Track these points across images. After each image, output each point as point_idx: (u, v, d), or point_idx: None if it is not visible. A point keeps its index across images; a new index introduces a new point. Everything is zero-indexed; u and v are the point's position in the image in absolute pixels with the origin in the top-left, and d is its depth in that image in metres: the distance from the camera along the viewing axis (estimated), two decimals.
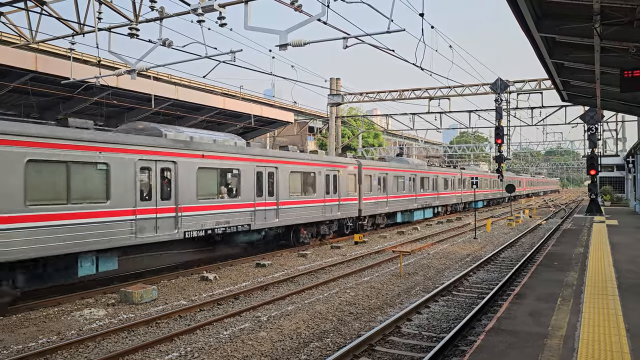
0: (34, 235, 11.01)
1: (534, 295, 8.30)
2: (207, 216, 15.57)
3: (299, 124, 49.06)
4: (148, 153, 13.62)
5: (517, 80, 32.04)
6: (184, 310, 11.56)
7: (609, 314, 7.03)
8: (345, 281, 14.87)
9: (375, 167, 26.53)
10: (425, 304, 12.00)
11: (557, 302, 7.81)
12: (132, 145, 13.20)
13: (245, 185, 17.01)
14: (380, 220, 28.06)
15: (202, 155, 15.32)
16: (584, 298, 7.98)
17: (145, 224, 13.55)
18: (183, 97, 19.53)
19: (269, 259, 18.49)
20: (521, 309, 7.44)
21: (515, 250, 21.45)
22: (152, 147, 13.76)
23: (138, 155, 13.32)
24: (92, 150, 12.19)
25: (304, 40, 10.38)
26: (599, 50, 9.48)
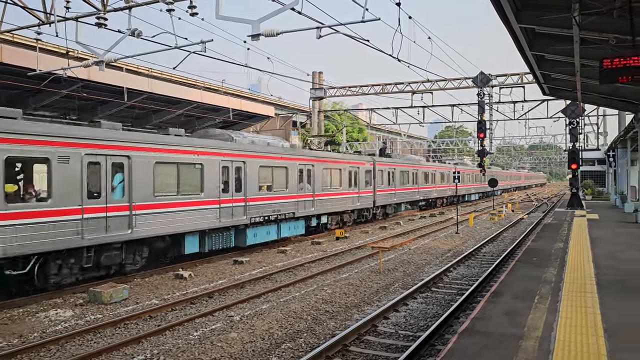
0: (158, 218, 14.36)
1: (510, 293, 8.07)
2: (265, 205, 19.01)
3: (283, 118, 48.58)
4: (226, 155, 16.99)
5: (500, 74, 31.97)
6: (155, 310, 11.18)
7: (586, 312, 6.81)
8: (323, 278, 14.58)
9: (386, 164, 30.30)
10: (403, 301, 11.76)
11: (534, 300, 7.58)
12: (216, 149, 16.58)
13: (292, 180, 20.48)
14: (390, 210, 31.66)
15: (261, 155, 18.75)
16: (562, 296, 7.76)
17: (225, 211, 16.91)
18: (159, 90, 19.02)
19: (247, 256, 18.14)
20: (497, 308, 7.19)
21: (496, 245, 21.35)
22: (229, 150, 17.18)
23: (220, 157, 16.65)
24: (192, 154, 15.52)
25: (276, 30, 10.01)
26: (578, 41, 9.26)
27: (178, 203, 15.03)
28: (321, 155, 23.16)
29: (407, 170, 33.56)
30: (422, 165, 37.25)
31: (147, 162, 14.02)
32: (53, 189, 11.67)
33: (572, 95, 19.61)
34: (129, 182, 13.43)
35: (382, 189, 29.32)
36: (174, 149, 14.91)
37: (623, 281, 9.10)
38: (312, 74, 37.12)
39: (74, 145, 12.06)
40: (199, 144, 15.87)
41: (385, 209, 30.79)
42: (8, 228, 10.76)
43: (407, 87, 34.16)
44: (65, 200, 11.90)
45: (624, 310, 7.14)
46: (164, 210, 14.51)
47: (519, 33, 11.12)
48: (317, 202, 22.29)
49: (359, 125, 66.44)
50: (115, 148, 13.11)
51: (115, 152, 13.09)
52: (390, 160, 31.77)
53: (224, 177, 16.94)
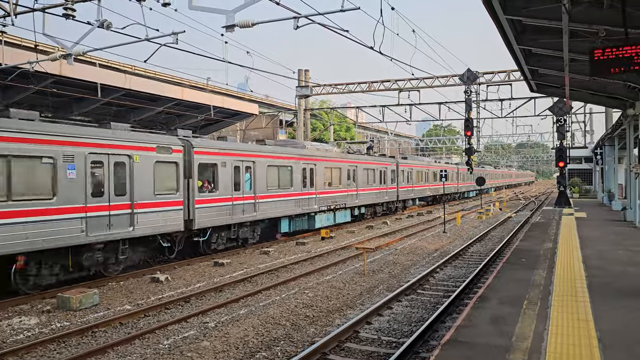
0: (270, 204, 19.73)
1: (497, 298, 7.61)
2: (328, 197, 24.25)
3: (269, 117, 47.94)
4: (305, 159, 22.42)
5: (487, 72, 31.66)
6: (126, 316, 10.61)
7: (578, 319, 6.38)
8: (306, 280, 14.08)
9: (405, 165, 35.86)
10: (387, 304, 11.30)
11: (522, 305, 7.13)
12: (299, 155, 22.09)
13: (343, 178, 26.11)
14: (409, 203, 38.01)
15: (325, 159, 24.34)
16: (552, 301, 7.32)
17: (304, 202, 22.15)
18: (137, 86, 18.36)
19: (228, 257, 17.59)
20: (483, 315, 6.73)
21: (484, 245, 20.99)
22: (306, 155, 22.63)
23: (302, 161, 22.12)
24: (286, 159, 21.11)
25: (252, 21, 9.49)
26: (567, 32, 8.85)
27: (278, 194, 20.30)
28: (361, 158, 29.07)
29: (421, 170, 39.29)
30: (431, 166, 42.98)
31: (269, 165, 19.83)
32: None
33: (559, 92, 19.28)
34: (266, 178, 19.59)
35: (403, 185, 34.98)
36: (279, 156, 20.66)
37: (614, 284, 8.70)
38: (298, 71, 36.56)
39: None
40: (290, 152, 21.58)
41: (404, 203, 36.77)
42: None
43: (394, 84, 33.74)
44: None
45: (617, 316, 6.73)
46: (272, 199, 19.95)
47: (505, 25, 10.69)
48: (359, 196, 27.98)
49: (346, 124, 66.01)
50: (244, 156, 18.61)
51: (243, 158, 18.47)
52: (409, 162, 37.48)
53: (304, 175, 22.10)
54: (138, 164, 13.92)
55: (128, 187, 13.61)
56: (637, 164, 18.15)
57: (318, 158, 23.50)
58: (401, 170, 34.57)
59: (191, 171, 15.78)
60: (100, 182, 12.95)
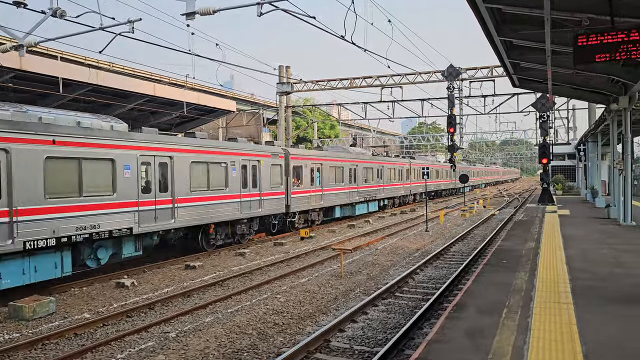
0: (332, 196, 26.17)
1: (475, 306, 7.03)
2: (365, 191, 30.52)
3: (250, 114, 47.11)
4: (349, 161, 28.81)
5: (469, 68, 31.21)
6: (83, 326, 9.89)
7: (562, 331, 5.82)
8: (280, 283, 13.45)
9: (416, 164, 41.71)
10: (362, 309, 10.69)
11: (502, 314, 6.56)
12: (345, 157, 28.73)
13: (374, 175, 32.28)
14: (418, 197, 44.14)
15: (364, 160, 30.86)
16: (534, 308, 6.76)
17: (351, 194, 28.48)
18: (106, 82, 17.54)
19: (201, 260, 16.89)
20: (458, 327, 6.15)
21: (466, 244, 20.51)
22: (350, 157, 29.13)
23: (348, 163, 28.51)
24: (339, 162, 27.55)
25: (213, 8, 8.84)
26: (549, 20, 8.31)
27: (336, 188, 26.75)
28: (387, 159, 35.79)
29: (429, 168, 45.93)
30: (435, 164, 50.49)
31: (330, 166, 26.44)
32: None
33: (542, 86, 18.84)
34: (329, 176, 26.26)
35: (415, 182, 40.80)
36: (336, 159, 27.35)
37: (600, 287, 8.19)
38: (279, 67, 35.85)
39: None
40: (342, 156, 28.34)
41: (415, 196, 43.08)
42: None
43: (376, 80, 33.18)
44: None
45: (603, 326, 6.20)
46: (333, 192, 26.37)
47: (485, 15, 10.13)
48: (385, 190, 34.08)
49: (330, 122, 65.38)
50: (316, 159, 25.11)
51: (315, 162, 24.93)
52: (419, 162, 44.06)
53: (350, 173, 28.57)
54: (262, 167, 20.21)
55: (258, 182, 19.94)
56: (621, 160, 17.77)
57: (358, 160, 29.86)
58: (413, 169, 40.89)
59: (288, 171, 22.11)
60: (247, 179, 19.36)
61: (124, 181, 13.73)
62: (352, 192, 28.55)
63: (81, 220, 12.47)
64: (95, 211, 12.88)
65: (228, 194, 18.08)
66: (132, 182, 13.98)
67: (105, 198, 13.20)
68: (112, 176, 13.44)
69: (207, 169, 17.12)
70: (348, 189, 28.10)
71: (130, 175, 13.92)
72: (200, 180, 16.80)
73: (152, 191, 14.75)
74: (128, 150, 13.85)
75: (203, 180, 16.97)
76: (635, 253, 11.79)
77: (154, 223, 14.77)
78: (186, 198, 15.89)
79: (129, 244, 14.44)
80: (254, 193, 19.59)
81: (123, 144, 13.72)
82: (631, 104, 15.64)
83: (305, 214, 24.14)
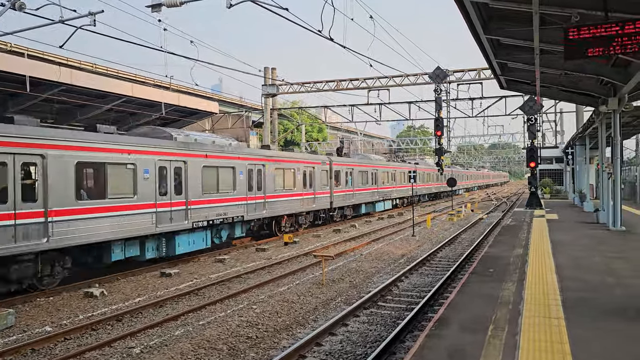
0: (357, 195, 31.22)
1: (459, 321, 6.47)
2: (382, 191, 35.75)
3: (235, 117, 46.41)
4: (373, 167, 34.47)
5: (457, 70, 30.83)
6: (42, 340, 9.22)
7: (553, 350, 5.28)
8: (258, 292, 12.85)
9: (421, 169, 46.72)
10: (342, 321, 10.13)
11: (487, 331, 6.01)
12: (371, 164, 34.37)
13: (389, 178, 37.69)
14: (421, 198, 50.11)
15: (382, 166, 36.46)
16: (522, 324, 6.22)
17: (373, 194, 33.86)
18: (80, 81, 16.82)
19: (179, 267, 16.24)
20: (439, 346, 5.58)
21: (453, 249, 20.03)
22: (374, 164, 35.13)
23: (371, 168, 33.82)
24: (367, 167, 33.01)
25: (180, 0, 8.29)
26: (537, 12, 7.82)
27: (363, 189, 32.01)
28: (398, 164, 42.40)
29: (429, 173, 50.76)
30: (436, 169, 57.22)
31: (359, 171, 31.58)
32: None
33: (530, 88, 18.44)
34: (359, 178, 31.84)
35: (419, 184, 44.90)
36: (363, 164, 32.80)
37: (591, 299, 7.69)
38: (264, 69, 35.26)
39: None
40: (365, 162, 33.78)
41: (419, 197, 48.91)
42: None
43: (363, 83, 32.70)
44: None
45: (597, 344, 5.68)
46: (361, 192, 31.78)
47: (470, 10, 9.63)
48: (397, 191, 39.62)
49: (318, 125, 64.78)
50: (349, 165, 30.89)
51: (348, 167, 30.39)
52: (423, 167, 48.99)
53: (372, 177, 33.80)
54: (315, 171, 25.44)
55: (313, 183, 25.16)
56: (610, 164, 17.40)
57: (378, 165, 35.68)
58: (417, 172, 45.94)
59: (331, 175, 27.40)
60: (306, 181, 24.43)
61: (239, 182, 19.10)
62: (373, 192, 34.07)
63: (218, 210, 17.82)
64: (225, 203, 18.24)
65: (296, 193, 23.49)
66: (244, 183, 19.39)
67: (229, 194, 18.55)
68: (233, 179, 18.78)
69: (283, 173, 22.57)
70: (371, 190, 33.63)
71: (243, 178, 19.34)
72: (278, 183, 22.13)
73: (254, 189, 20.05)
74: (242, 160, 19.45)
75: (280, 182, 22.29)
76: (626, 260, 11.34)
77: (254, 213, 20.14)
78: (273, 195, 21.43)
79: (239, 227, 19.77)
80: (310, 192, 24.92)
81: (239, 156, 19.32)
82: (620, 106, 15.25)
83: (341, 209, 29.76)
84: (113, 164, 13.57)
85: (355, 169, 31.09)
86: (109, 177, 13.46)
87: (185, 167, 16.16)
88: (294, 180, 23.35)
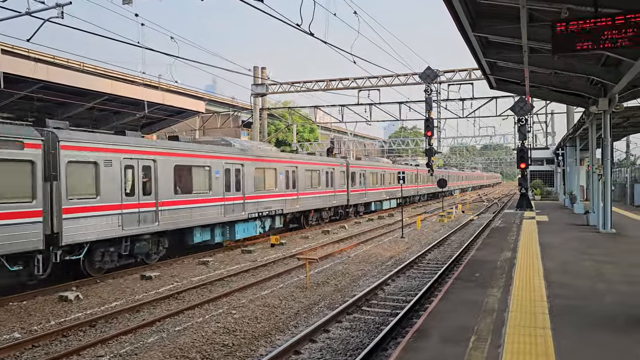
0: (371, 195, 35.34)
1: (440, 332, 6.11)
2: (389, 191, 39.08)
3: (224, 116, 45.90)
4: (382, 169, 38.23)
5: (447, 70, 30.58)
6: (8, 348, 8.78)
7: None
8: (240, 296, 12.47)
9: (422, 170, 48.68)
10: (324, 327, 9.76)
11: (469, 342, 5.65)
12: (383, 166, 38.81)
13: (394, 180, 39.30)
14: (424, 197, 53.47)
15: (390, 168, 39.84)
16: (506, 335, 5.88)
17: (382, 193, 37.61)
18: (56, 78, 16.36)
19: (162, 269, 15.82)
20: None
21: (442, 251, 19.73)
22: (383, 167, 38.74)
23: (379, 170, 37.25)
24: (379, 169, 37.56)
25: None
26: (525, 6, 7.49)
27: (373, 189, 35.50)
28: (402, 167, 44.00)
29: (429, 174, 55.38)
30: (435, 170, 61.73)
31: (371, 172, 34.80)
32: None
33: (520, 88, 18.18)
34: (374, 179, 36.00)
35: (422, 184, 49.70)
36: (376, 167, 36.76)
37: (580, 307, 7.36)
38: (254, 68, 34.90)
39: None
40: (375, 164, 37.30)
41: (420, 197, 52.03)
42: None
43: (353, 82, 32.38)
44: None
45: (585, 357, 5.35)
46: (372, 191, 35.31)
47: (458, 7, 9.29)
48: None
49: (310, 125, 64.36)
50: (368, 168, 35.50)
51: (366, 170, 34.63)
52: (423, 169, 49.56)
53: (381, 177, 36.84)
54: (335, 172, 28.85)
55: (333, 183, 28.61)
56: (600, 165, 17.16)
57: (386, 167, 39.41)
58: (420, 174, 49.04)
59: (348, 176, 30.82)
60: (328, 180, 28.11)
61: (280, 181, 22.68)
62: (381, 192, 37.52)
63: (265, 204, 21.38)
64: (269, 199, 21.77)
65: (321, 191, 27.19)
66: (282, 182, 22.88)
67: (272, 191, 22.05)
68: (275, 178, 22.29)
69: (311, 174, 26.20)
70: (380, 190, 37.13)
71: (282, 178, 22.88)
72: (307, 182, 25.60)
73: (290, 187, 23.68)
74: (282, 163, 23.05)
75: (309, 182, 25.78)
76: (616, 265, 11.05)
77: (290, 207, 23.77)
78: (305, 192, 25.21)
79: (278, 219, 23.03)
80: (331, 190, 28.50)
81: (280, 159, 23.15)
82: (611, 107, 14.99)
83: (355, 207, 32.84)
84: (197, 167, 17.49)
85: (368, 170, 34.68)
86: (193, 177, 17.26)
87: (242, 169, 19.83)
88: (319, 180, 27.15)
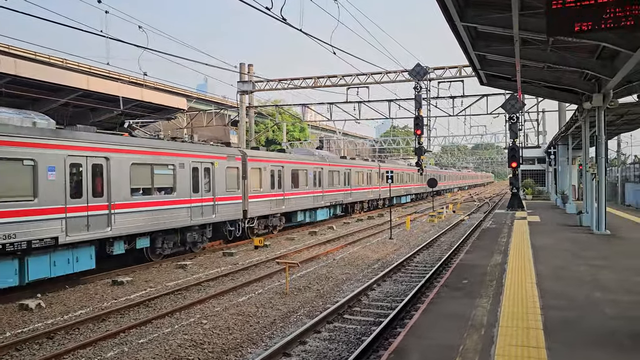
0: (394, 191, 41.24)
1: (419, 352, 5.40)
2: (405, 188, 46.56)
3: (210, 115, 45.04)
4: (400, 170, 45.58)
5: (437, 67, 29.94)
6: None
7: None
8: (215, 303, 11.72)
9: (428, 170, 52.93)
10: (300, 338, 9.04)
11: None
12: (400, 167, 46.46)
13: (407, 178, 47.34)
14: (418, 196, 55.74)
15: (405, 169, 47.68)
16: (495, 357, 5.19)
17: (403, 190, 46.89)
18: (27, 73, 15.54)
19: (136, 273, 15.03)
20: None
21: (431, 253, 19.06)
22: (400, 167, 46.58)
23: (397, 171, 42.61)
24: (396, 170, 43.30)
25: None
26: None
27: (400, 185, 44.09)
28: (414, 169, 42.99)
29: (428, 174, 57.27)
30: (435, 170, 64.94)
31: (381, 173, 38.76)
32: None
33: (511, 85, 17.55)
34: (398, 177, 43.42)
35: (424, 184, 49.71)
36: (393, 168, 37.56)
37: (577, 321, 6.67)
38: (240, 65, 34.05)
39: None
40: (393, 166, 42.18)
41: (421, 195, 56.24)
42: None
43: (341, 80, 31.67)
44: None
45: None
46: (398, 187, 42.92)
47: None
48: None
49: (300, 124, 63.58)
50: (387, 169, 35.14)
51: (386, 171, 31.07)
52: (428, 169, 53.62)
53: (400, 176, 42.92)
54: (372, 172, 35.37)
55: (370, 181, 35.56)
56: (594, 164, 16.56)
57: (403, 169, 45.70)
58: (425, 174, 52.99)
59: (380, 174, 36.78)
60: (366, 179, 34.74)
61: (341, 180, 28.77)
62: (403, 189, 44.15)
63: (334, 196, 27.84)
64: (335, 192, 28.33)
65: (364, 187, 33.66)
66: (342, 180, 29.74)
67: (337, 187, 28.23)
68: (338, 178, 28.30)
69: (358, 175, 31.62)
70: (403, 187, 44.04)
71: (343, 178, 29.86)
72: (357, 180, 32.17)
73: (346, 184, 28.96)
74: (343, 167, 29.46)
75: (356, 180, 31.88)
76: (613, 269, 10.41)
77: (347, 199, 30.14)
78: (355, 188, 31.77)
79: (339, 207, 29.34)
80: (370, 187, 35.04)
81: (342, 164, 30.43)
82: (605, 103, 14.39)
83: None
84: (302, 171, 24.59)
85: (396, 172, 40.65)
86: (300, 177, 24.90)
87: (322, 170, 27.30)
88: (363, 179, 34.28)
